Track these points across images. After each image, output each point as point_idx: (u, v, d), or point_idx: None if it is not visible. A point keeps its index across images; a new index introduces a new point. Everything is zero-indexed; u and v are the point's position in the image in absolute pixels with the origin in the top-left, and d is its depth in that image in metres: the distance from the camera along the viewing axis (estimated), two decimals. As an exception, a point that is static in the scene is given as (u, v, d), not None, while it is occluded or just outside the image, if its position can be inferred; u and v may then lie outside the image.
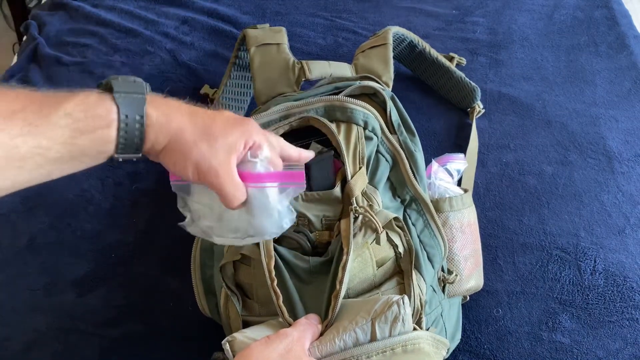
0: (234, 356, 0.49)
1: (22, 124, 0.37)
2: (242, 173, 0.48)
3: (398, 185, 0.64)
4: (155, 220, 0.83)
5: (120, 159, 0.43)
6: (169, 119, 0.45)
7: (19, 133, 0.37)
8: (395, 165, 0.64)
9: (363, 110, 0.63)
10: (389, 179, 0.64)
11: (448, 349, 0.67)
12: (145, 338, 0.72)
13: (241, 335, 0.50)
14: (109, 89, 0.43)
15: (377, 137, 0.63)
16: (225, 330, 0.63)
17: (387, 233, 0.57)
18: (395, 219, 0.58)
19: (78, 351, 0.71)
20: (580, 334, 0.71)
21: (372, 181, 0.62)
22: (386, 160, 0.64)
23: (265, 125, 0.62)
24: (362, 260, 0.56)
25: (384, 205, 0.61)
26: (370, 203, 0.59)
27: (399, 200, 0.63)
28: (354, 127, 0.62)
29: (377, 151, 0.64)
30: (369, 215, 0.55)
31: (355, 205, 0.57)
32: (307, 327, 0.50)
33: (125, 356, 0.71)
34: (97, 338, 0.72)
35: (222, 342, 0.50)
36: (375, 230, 0.56)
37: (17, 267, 0.79)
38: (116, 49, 1.07)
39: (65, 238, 0.81)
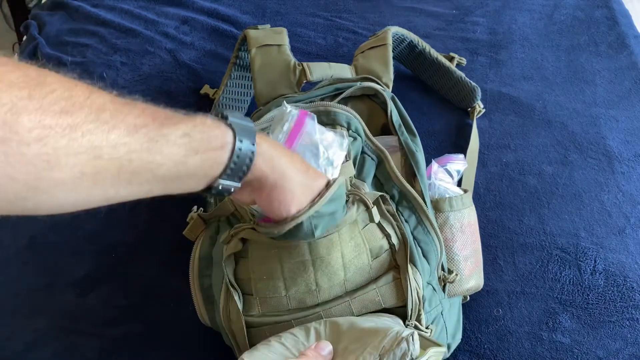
0: None
1: (144, 139, 0.37)
2: None
3: (385, 182, 0.65)
4: (156, 221, 0.83)
5: (220, 187, 0.44)
6: (277, 153, 0.48)
7: (138, 148, 0.37)
8: (380, 163, 0.65)
9: (345, 112, 0.65)
10: (375, 176, 0.65)
11: (449, 347, 0.67)
12: (145, 338, 0.72)
13: (250, 358, 0.50)
14: (222, 117, 0.45)
15: (361, 138, 0.65)
16: (225, 338, 0.62)
17: (379, 224, 0.58)
18: (383, 199, 0.59)
19: (78, 351, 0.71)
20: (580, 334, 0.71)
21: (359, 176, 0.64)
22: (372, 159, 0.65)
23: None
24: (356, 245, 0.57)
25: None
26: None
27: (388, 196, 0.64)
28: (338, 128, 0.64)
29: (362, 152, 0.65)
30: (358, 193, 0.57)
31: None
32: (312, 358, 0.49)
33: (126, 356, 0.71)
34: (98, 338, 0.72)
35: None
36: (366, 205, 0.57)
37: (17, 267, 0.79)
38: (116, 49, 1.07)
39: (66, 238, 0.81)
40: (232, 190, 0.45)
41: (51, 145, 0.32)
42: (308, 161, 0.55)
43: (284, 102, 0.64)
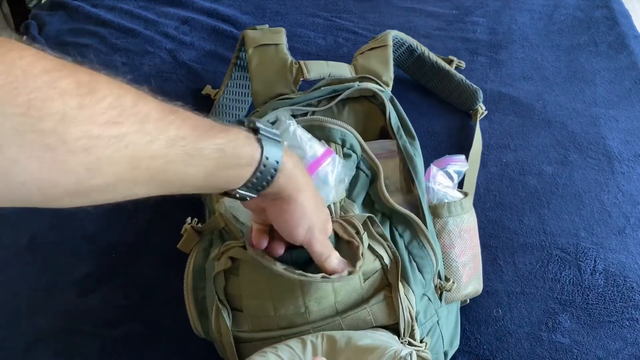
0: None
1: (181, 151, 0.38)
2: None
3: (376, 200, 0.63)
4: (156, 220, 0.83)
5: (237, 195, 0.46)
6: (298, 171, 0.48)
7: (174, 160, 0.37)
8: (374, 179, 0.64)
9: (341, 129, 0.64)
10: (367, 193, 0.64)
11: (446, 355, 0.67)
12: (146, 338, 0.72)
13: None
14: (253, 129, 0.45)
15: (357, 154, 0.64)
16: (218, 349, 0.62)
17: (368, 242, 0.57)
18: (371, 220, 0.58)
19: (79, 351, 0.71)
20: (580, 334, 0.71)
21: (350, 195, 0.62)
22: (366, 175, 0.64)
23: None
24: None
25: None
26: (346, 213, 0.60)
27: (379, 215, 0.63)
28: (332, 145, 0.63)
29: (357, 167, 0.64)
30: (348, 217, 0.56)
31: (333, 215, 0.58)
32: None
33: (126, 356, 0.71)
34: (98, 338, 0.72)
35: None
36: (358, 232, 0.56)
37: (17, 267, 0.79)
38: (116, 49, 1.07)
39: (66, 238, 0.81)
40: (248, 199, 0.47)
41: (95, 155, 0.32)
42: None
43: (282, 117, 0.63)
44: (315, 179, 0.58)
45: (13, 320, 0.74)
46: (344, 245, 0.56)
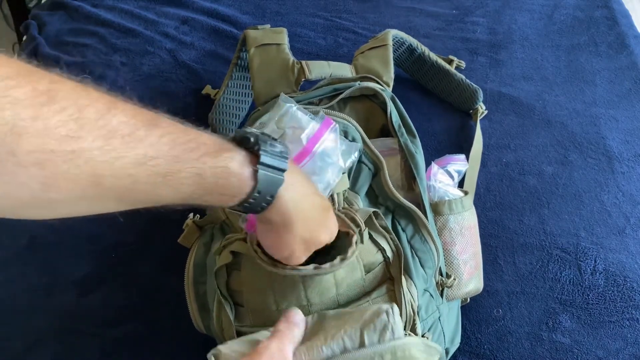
0: None
1: (151, 172, 0.35)
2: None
3: (380, 193, 0.63)
4: (156, 221, 0.83)
5: (225, 211, 0.44)
6: (298, 199, 0.45)
7: (143, 181, 0.35)
8: (377, 173, 0.64)
9: (343, 121, 0.63)
10: (370, 186, 0.64)
11: (447, 352, 0.67)
12: (146, 338, 0.72)
13: (227, 349, 0.50)
14: (254, 151, 0.41)
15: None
16: (219, 344, 0.62)
17: (370, 233, 0.57)
18: (375, 213, 0.58)
19: (78, 351, 0.71)
20: (580, 334, 0.71)
21: (353, 188, 0.62)
22: (368, 168, 0.64)
23: None
24: (349, 263, 0.56)
25: None
26: (351, 205, 0.59)
27: (382, 208, 0.63)
28: None
29: (359, 160, 0.63)
30: (350, 212, 0.56)
31: (337, 206, 0.58)
32: (286, 332, 0.46)
33: (126, 356, 0.71)
34: (98, 338, 0.72)
35: (207, 354, 0.50)
36: (358, 225, 0.56)
37: (17, 267, 0.79)
38: (116, 49, 1.07)
39: (65, 238, 0.81)
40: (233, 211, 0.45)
41: (50, 170, 0.30)
42: (321, 168, 0.55)
43: (281, 101, 0.63)
44: (317, 156, 0.57)
45: (13, 320, 0.74)
46: (342, 234, 0.56)
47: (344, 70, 0.81)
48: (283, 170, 0.42)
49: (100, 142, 0.32)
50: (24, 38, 1.16)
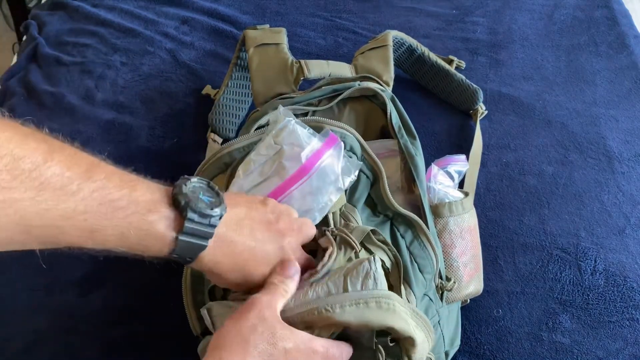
0: (212, 323, 0.50)
1: (78, 225, 0.36)
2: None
3: (378, 202, 0.62)
4: (156, 221, 0.83)
5: None
6: (214, 264, 0.46)
7: (71, 233, 0.36)
8: (375, 181, 0.62)
9: (341, 130, 0.61)
10: (369, 195, 0.62)
11: (447, 355, 0.67)
12: (146, 338, 0.72)
13: (218, 304, 0.51)
14: (180, 209, 0.41)
15: (357, 156, 0.62)
16: None
17: (367, 249, 0.56)
18: (373, 231, 0.56)
19: (79, 352, 0.71)
20: (580, 334, 0.71)
21: (351, 200, 0.60)
22: (367, 177, 0.62)
23: (247, 147, 0.60)
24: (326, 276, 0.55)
25: (363, 224, 0.59)
26: (347, 222, 0.58)
27: (381, 216, 0.62)
28: None
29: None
30: (344, 234, 0.55)
31: (332, 226, 0.57)
32: (279, 286, 0.47)
33: (126, 357, 0.71)
34: (98, 339, 0.72)
35: (201, 309, 0.51)
36: (352, 248, 0.54)
37: (17, 267, 0.79)
38: (116, 49, 1.07)
39: (66, 238, 0.81)
40: None
41: None
42: (319, 188, 0.54)
43: (281, 114, 0.60)
44: (314, 175, 0.55)
45: (13, 320, 0.74)
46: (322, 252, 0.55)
47: (343, 69, 0.81)
48: (207, 238, 0.43)
49: (31, 193, 0.33)
50: (24, 38, 1.16)
